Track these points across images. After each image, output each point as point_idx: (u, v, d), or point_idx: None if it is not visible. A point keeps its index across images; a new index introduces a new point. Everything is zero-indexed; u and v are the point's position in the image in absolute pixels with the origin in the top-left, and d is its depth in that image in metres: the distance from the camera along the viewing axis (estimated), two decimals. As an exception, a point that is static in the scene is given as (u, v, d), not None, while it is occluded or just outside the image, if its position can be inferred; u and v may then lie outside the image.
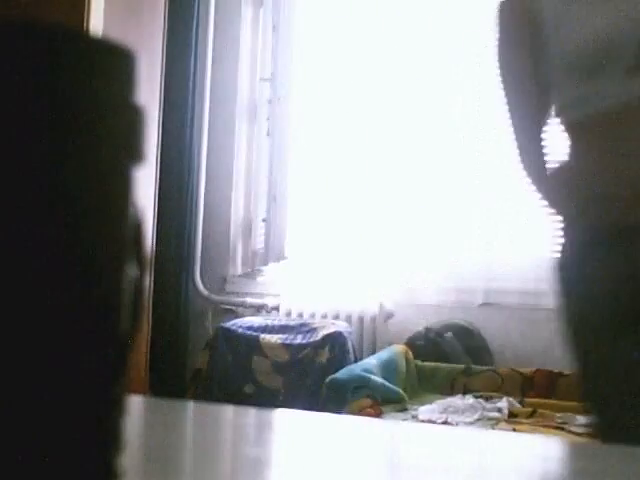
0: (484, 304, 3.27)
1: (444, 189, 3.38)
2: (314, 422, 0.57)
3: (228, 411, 0.60)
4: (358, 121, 3.52)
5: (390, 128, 3.46)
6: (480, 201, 3.34)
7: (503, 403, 2.61)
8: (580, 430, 2.35)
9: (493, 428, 2.35)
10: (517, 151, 1.40)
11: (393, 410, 2.56)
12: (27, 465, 0.25)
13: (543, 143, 1.38)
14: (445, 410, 2.51)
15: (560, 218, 1.34)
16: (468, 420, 2.44)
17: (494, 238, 3.31)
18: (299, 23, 3.60)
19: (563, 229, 1.32)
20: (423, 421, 2.42)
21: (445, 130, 3.41)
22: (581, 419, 2.46)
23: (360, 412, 2.42)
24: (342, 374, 2.61)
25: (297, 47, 3.58)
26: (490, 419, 2.47)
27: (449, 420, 2.43)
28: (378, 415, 2.43)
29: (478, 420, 2.45)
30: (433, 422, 2.40)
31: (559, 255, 1.33)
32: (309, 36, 3.63)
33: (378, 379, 2.63)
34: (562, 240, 1.32)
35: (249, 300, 3.55)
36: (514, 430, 2.32)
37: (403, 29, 3.49)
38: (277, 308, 3.47)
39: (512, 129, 1.37)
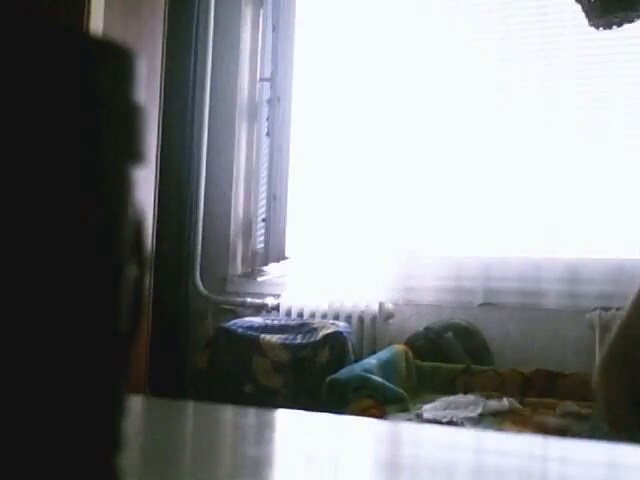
0: (484, 304, 3.27)
1: (444, 189, 3.38)
2: (314, 422, 0.57)
3: (228, 411, 0.60)
4: (358, 121, 3.51)
5: (390, 128, 3.46)
6: (480, 201, 3.33)
7: (503, 403, 2.61)
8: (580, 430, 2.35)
9: (495, 428, 2.35)
10: None
11: (396, 410, 2.56)
12: (27, 465, 0.25)
13: None
14: (448, 406, 2.51)
15: None
16: (472, 415, 2.43)
17: (494, 238, 3.30)
18: (299, 23, 3.60)
19: None
20: (429, 420, 2.41)
21: (444, 131, 3.41)
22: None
23: (363, 412, 2.42)
24: (342, 374, 2.61)
25: (297, 47, 3.58)
26: (494, 414, 2.47)
27: (454, 418, 2.43)
28: (382, 416, 2.43)
29: (482, 415, 2.45)
30: (438, 421, 2.40)
31: None
32: (309, 36, 3.63)
33: (378, 379, 2.63)
34: None
35: (249, 300, 3.55)
36: (514, 430, 2.32)
37: (402, 27, 3.49)
38: (277, 308, 3.47)
39: None
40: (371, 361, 2.79)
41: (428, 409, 2.51)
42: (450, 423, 2.37)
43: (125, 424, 0.29)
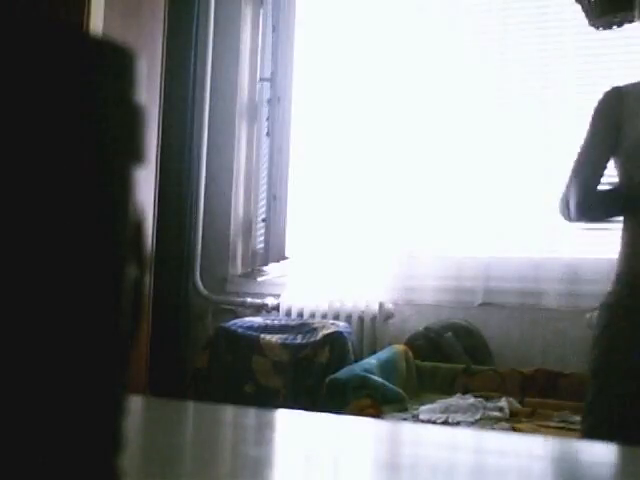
0: (484, 304, 3.27)
1: (443, 189, 3.38)
2: (314, 422, 0.57)
3: (228, 411, 0.60)
4: (358, 121, 3.51)
5: (389, 128, 3.46)
6: (480, 201, 3.33)
7: (503, 403, 2.61)
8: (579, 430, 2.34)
9: (493, 428, 2.35)
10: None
11: (393, 410, 2.56)
12: (27, 465, 0.25)
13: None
14: (446, 410, 2.51)
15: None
16: (470, 420, 2.44)
17: (494, 238, 3.30)
18: (299, 23, 3.60)
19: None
20: (424, 421, 2.42)
21: (444, 131, 3.41)
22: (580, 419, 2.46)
23: (360, 412, 2.42)
24: (342, 374, 2.61)
25: (297, 47, 3.58)
26: (491, 418, 2.47)
27: (450, 420, 2.43)
28: (378, 415, 2.43)
29: (479, 420, 2.45)
30: (434, 422, 2.40)
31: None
32: (309, 36, 3.63)
33: (378, 379, 2.63)
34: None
35: (249, 300, 3.55)
36: (514, 430, 2.32)
37: (402, 28, 3.49)
38: (277, 308, 3.47)
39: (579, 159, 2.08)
40: (371, 361, 2.79)
41: (425, 410, 2.51)
42: (445, 424, 2.37)
43: (125, 424, 0.29)
